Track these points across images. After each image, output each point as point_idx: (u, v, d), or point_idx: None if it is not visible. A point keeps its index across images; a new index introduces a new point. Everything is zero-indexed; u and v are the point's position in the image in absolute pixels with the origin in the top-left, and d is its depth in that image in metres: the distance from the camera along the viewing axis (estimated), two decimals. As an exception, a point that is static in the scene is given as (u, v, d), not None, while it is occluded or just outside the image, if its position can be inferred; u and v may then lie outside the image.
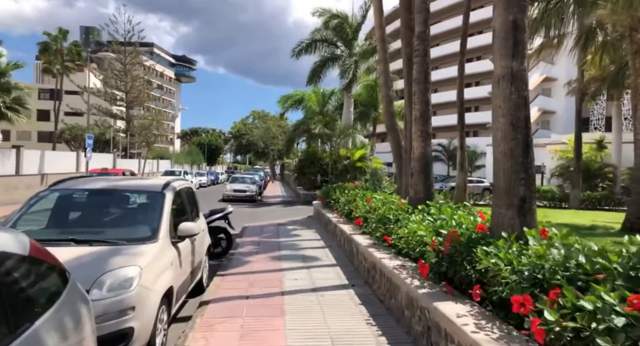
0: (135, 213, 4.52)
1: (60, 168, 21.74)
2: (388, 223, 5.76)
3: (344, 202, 9.42)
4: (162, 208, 4.38)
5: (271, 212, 18.65)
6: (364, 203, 8.19)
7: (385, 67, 9.90)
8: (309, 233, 10.85)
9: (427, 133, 6.16)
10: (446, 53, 55.11)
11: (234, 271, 6.73)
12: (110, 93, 37.21)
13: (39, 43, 41.50)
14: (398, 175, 9.70)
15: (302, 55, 23.71)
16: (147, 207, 4.52)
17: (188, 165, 51.30)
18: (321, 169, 23.92)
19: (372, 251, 5.61)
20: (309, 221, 13.52)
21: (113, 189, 4.60)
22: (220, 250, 8.52)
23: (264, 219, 15.25)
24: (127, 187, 4.76)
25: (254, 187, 24.63)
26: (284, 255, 8.06)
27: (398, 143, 9.63)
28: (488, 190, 37.43)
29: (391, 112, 9.72)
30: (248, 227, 12.26)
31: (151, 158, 39.37)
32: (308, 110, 26.71)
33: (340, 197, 10.16)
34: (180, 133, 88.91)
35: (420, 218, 5.37)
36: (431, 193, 6.23)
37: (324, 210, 11.62)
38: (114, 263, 3.46)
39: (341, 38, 23.64)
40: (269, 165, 67.17)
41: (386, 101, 9.70)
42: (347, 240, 7.78)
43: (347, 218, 9.01)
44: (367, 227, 7.02)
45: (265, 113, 62.16)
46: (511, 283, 2.67)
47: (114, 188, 4.62)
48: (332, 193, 11.58)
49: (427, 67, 6.10)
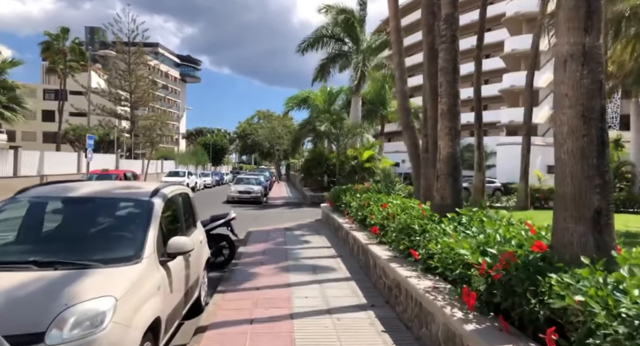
0: (116, 227, 3.79)
1: (60, 170, 21.19)
2: (413, 235, 5.00)
3: (356, 206, 8.67)
4: (149, 220, 3.66)
5: (277, 214, 17.94)
6: (379, 208, 7.43)
7: (400, 60, 9.14)
8: (318, 239, 10.10)
9: (455, 131, 5.39)
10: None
11: (237, 287, 6.00)
12: (115, 94, 36.68)
13: (41, 43, 41.22)
14: (415, 177, 8.93)
15: (307, 51, 23.01)
16: (131, 219, 3.80)
17: (193, 166, 50.77)
18: (328, 170, 23.20)
19: (395, 267, 4.85)
20: (317, 225, 12.78)
21: (90, 197, 3.87)
22: (223, 260, 7.81)
23: (269, 223, 14.53)
24: (107, 194, 4.04)
25: (259, 188, 23.94)
26: (292, 265, 7.32)
27: (414, 142, 8.87)
28: (499, 190, 36.52)
29: (407, 109, 8.95)
30: (253, 232, 11.54)
31: (155, 159, 38.82)
32: (314, 109, 25.99)
33: (352, 201, 9.41)
34: (185, 133, 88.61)
35: (452, 229, 4.61)
36: (460, 199, 5.46)
37: (334, 214, 10.87)
38: (82, 293, 2.74)
39: (348, 34, 22.89)
40: (274, 165, 66.54)
41: (401, 97, 8.94)
42: (362, 250, 7.02)
43: (361, 225, 8.26)
44: (385, 237, 6.26)
45: (270, 113, 61.58)
46: (617, 337, 1.90)
47: (91, 196, 3.88)
48: (341, 196, 10.83)
49: (456, 55, 5.34)
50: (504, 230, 3.77)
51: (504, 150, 41.49)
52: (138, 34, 36.15)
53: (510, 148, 41.01)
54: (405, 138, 9.06)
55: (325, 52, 23.22)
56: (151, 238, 3.52)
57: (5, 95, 15.99)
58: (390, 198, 8.39)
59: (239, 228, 13.69)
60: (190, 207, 5.24)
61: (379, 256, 5.67)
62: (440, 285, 4.03)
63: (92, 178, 18.22)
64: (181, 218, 4.58)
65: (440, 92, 5.43)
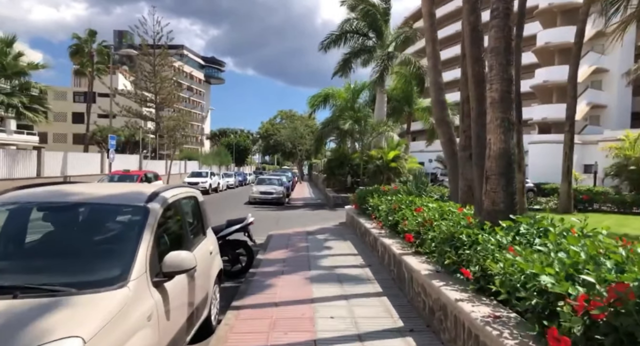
0: (99, 241, 3.11)
1: (84, 170, 21.20)
2: (461, 247, 4.17)
3: (385, 210, 7.85)
4: (141, 231, 2.99)
5: (299, 216, 17.27)
6: (413, 213, 6.60)
7: (434, 48, 8.26)
8: (343, 245, 9.32)
9: (509, 123, 4.52)
10: (482, 46, 52.24)
11: (253, 302, 5.31)
12: (140, 95, 36.99)
13: (70, 46, 42.04)
14: (451, 178, 8.05)
15: (331, 48, 22.27)
16: (119, 230, 3.13)
17: (216, 166, 50.84)
18: (352, 170, 22.38)
19: (440, 285, 4.03)
20: (341, 229, 12.00)
21: (71, 203, 3.21)
22: (240, 268, 7.16)
23: (291, 225, 13.86)
24: (93, 199, 3.38)
25: (282, 188, 23.36)
26: (315, 276, 6.58)
27: (450, 139, 7.99)
28: (532, 191, 34.70)
29: (441, 102, 8.07)
30: (273, 236, 10.88)
31: (178, 160, 38.91)
32: (337, 106, 25.20)
33: (380, 204, 8.60)
34: (209, 134, 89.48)
35: (510, 241, 3.77)
36: (514, 203, 4.59)
37: (360, 218, 10.07)
38: (40, 332, 2.07)
39: (372, 28, 22.01)
40: (296, 165, 66.12)
41: (436, 88, 8.07)
42: (394, 260, 6.21)
43: (391, 231, 7.44)
44: (422, 247, 5.44)
45: (292, 113, 61.17)
46: None
47: (73, 201, 3.23)
48: (368, 198, 10.02)
49: (510, 33, 4.47)
50: (589, 245, 2.91)
51: (536, 148, 39.58)
52: (163, 35, 36.28)
53: (544, 147, 39.18)
54: (439, 134, 8.18)
55: (349, 47, 22.42)
56: (142, 255, 2.84)
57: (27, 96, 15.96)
58: (424, 201, 7.55)
59: (258, 230, 13.09)
60: (198, 212, 4.58)
61: (416, 270, 4.86)
62: (502, 313, 3.20)
63: (113, 179, 18.04)
64: (185, 227, 3.91)
65: (489, 78, 4.58)
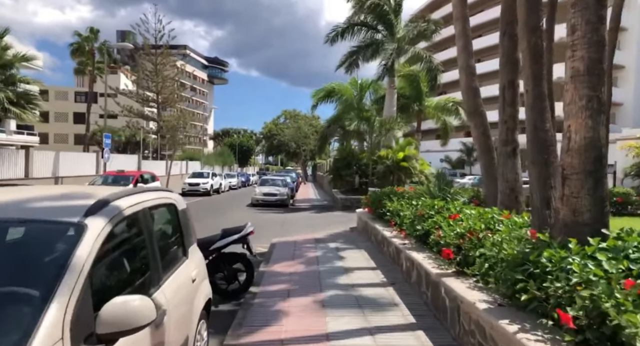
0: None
1: (78, 171, 20.12)
2: (539, 275, 2.97)
3: (410, 217, 6.65)
4: (62, 267, 1.82)
5: (305, 220, 16.09)
6: (448, 221, 5.41)
7: (464, 26, 7.06)
8: (357, 256, 8.13)
9: (598, 103, 3.33)
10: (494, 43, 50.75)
11: (253, 338, 4.13)
12: (142, 94, 36.06)
13: (71, 44, 41.05)
14: (487, 179, 6.85)
15: (337, 41, 21.06)
16: (26, 266, 1.95)
17: (219, 167, 49.80)
18: (360, 170, 21.16)
19: (519, 336, 2.83)
20: (353, 236, 10.81)
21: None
22: (238, 287, 5.98)
23: (297, 231, 12.69)
24: (11, 208, 2.23)
25: (286, 190, 22.19)
26: (329, 298, 5.40)
27: (485, 132, 6.79)
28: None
29: (474, 89, 6.85)
30: (278, 244, 9.71)
31: (179, 160, 37.85)
32: (342, 103, 23.99)
33: (402, 209, 7.40)
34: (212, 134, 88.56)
35: (622, 271, 2.58)
36: (606, 212, 3.39)
37: (376, 224, 8.87)
38: None
39: (382, 20, 20.79)
40: (300, 166, 64.98)
41: (467, 73, 6.86)
42: (428, 281, 5.01)
43: (419, 242, 6.24)
44: (469, 267, 4.25)
45: (296, 113, 60.00)
46: None
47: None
48: (385, 201, 8.82)
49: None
50: None
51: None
52: (165, 34, 35.26)
53: (558, 146, 37.88)
54: (472, 127, 6.98)
55: (356, 41, 21.21)
56: (57, 310, 1.67)
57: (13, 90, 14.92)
58: (455, 206, 6.35)
59: (261, 236, 11.92)
60: (177, 226, 3.40)
61: (467, 300, 3.66)
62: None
63: (106, 180, 16.96)
64: (152, 251, 2.72)
65: (571, 42, 3.37)
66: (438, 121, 23.99)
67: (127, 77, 58.95)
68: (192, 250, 3.60)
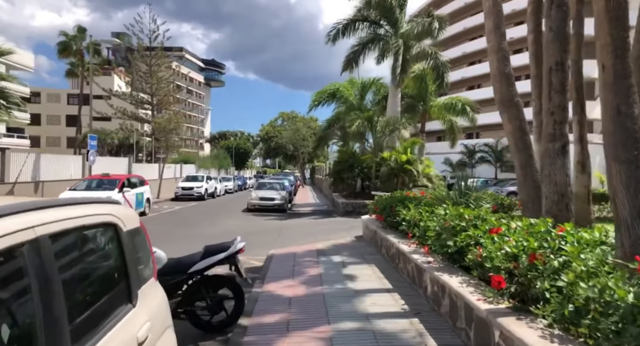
0: None
1: (62, 174, 18.88)
2: None
3: (435, 229, 5.48)
4: None
5: (305, 226, 14.90)
6: (491, 237, 4.24)
7: (495, 3, 5.94)
8: (367, 272, 6.95)
9: None
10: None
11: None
12: (136, 96, 34.94)
13: (58, 43, 39.81)
14: (523, 181, 5.70)
15: (338, 39, 19.97)
16: None
17: (215, 170, 48.54)
18: (362, 173, 20.00)
19: None
20: (360, 247, 9.62)
21: None
22: (224, 319, 4.79)
23: (296, 239, 11.51)
24: None
25: (284, 194, 21.01)
26: (339, 336, 4.21)
27: (521, 126, 5.64)
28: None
29: (507, 75, 5.68)
30: (275, 257, 8.52)
31: (173, 163, 36.60)
32: (343, 103, 22.85)
33: (424, 219, 6.23)
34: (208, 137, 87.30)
35: None
36: None
37: (388, 235, 7.70)
38: None
39: (384, 15, 19.71)
40: (298, 168, 63.79)
41: (499, 57, 5.71)
42: (472, 318, 3.82)
43: (449, 261, 5.07)
44: (542, 308, 3.07)
45: (294, 115, 58.89)
46: None
47: None
48: (399, 209, 7.65)
49: None
50: None
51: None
52: (159, 34, 34.09)
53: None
54: (504, 121, 5.82)
55: (359, 38, 20.11)
56: None
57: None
58: (487, 215, 5.20)
59: (257, 247, 10.71)
60: (118, 257, 2.22)
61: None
62: None
63: (90, 184, 15.74)
64: (52, 305, 1.53)
65: None
66: (445, 122, 22.86)
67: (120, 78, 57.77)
68: (144, 291, 2.41)
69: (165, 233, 13.02)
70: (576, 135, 8.68)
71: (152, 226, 14.69)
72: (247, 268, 8.25)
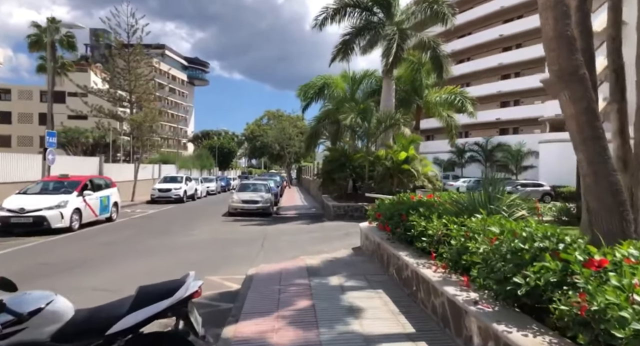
0: None
1: (20, 175, 16.76)
2: None
3: (478, 252, 3.85)
4: None
5: (292, 233, 13.18)
6: (595, 276, 2.62)
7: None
8: (376, 304, 5.28)
9: None
10: (483, 41, 48.86)
11: None
12: (113, 93, 32.77)
13: (28, 35, 37.08)
14: (593, 182, 4.12)
15: (326, 25, 18.31)
16: None
17: (197, 170, 46.37)
18: (354, 173, 18.38)
19: None
20: (359, 262, 7.95)
21: None
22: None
23: (282, 251, 9.83)
24: None
25: (269, 196, 19.24)
26: None
27: (589, 107, 4.04)
28: (549, 195, 31.19)
29: (568, 38, 3.99)
30: (256, 278, 6.82)
31: (150, 163, 34.42)
32: (335, 98, 21.17)
33: (453, 233, 4.61)
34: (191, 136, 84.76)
35: None
36: None
37: (398, 251, 6.06)
38: None
39: (378, 2, 18.13)
40: (285, 168, 61.93)
41: (556, 14, 4.04)
42: None
43: (505, 300, 3.44)
44: None
45: (280, 113, 56.99)
46: None
47: None
48: (413, 219, 6.00)
49: None
50: None
51: (549, 148, 36.13)
52: (138, 28, 31.93)
53: (558, 146, 35.72)
54: (564, 102, 4.13)
55: (350, 27, 18.47)
56: None
57: None
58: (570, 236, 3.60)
59: (236, 260, 9.01)
60: None
61: None
62: None
63: (46, 187, 13.74)
64: None
65: None
66: (442, 118, 21.35)
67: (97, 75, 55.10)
68: None
69: (129, 243, 11.18)
70: (618, 128, 7.15)
71: (115, 234, 12.62)
72: (220, 293, 6.56)
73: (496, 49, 49.69)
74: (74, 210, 12.72)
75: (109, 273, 7.72)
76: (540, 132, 42.91)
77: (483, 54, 50.48)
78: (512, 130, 48.79)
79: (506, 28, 47.79)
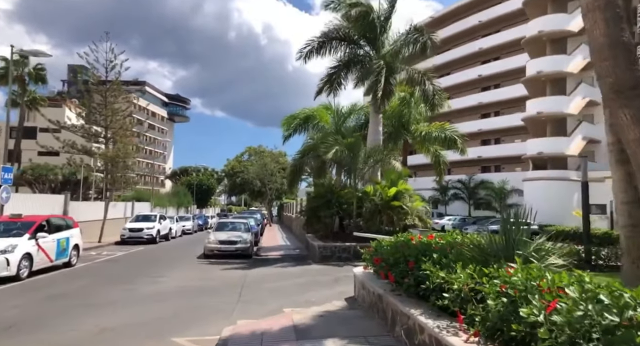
0: None
1: (-32, 215, 14.93)
2: None
3: (538, 321, 2.76)
4: None
5: (275, 280, 11.73)
6: None
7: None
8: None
9: None
10: (462, 81, 50.02)
11: None
12: (87, 129, 31.29)
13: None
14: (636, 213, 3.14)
15: (311, 58, 17.84)
16: None
17: (174, 208, 44.33)
18: (341, 210, 17.26)
19: None
20: (356, 318, 6.68)
21: None
22: None
23: (263, 302, 8.47)
24: None
25: (248, 236, 17.80)
26: None
27: None
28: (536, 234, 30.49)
29: (625, 45, 3.26)
30: (231, 341, 5.48)
31: (121, 201, 32.53)
32: (319, 130, 20.43)
33: (487, 291, 3.53)
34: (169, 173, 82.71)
35: None
36: None
37: (409, 308, 4.89)
38: None
39: (363, 35, 17.85)
40: (265, 206, 60.27)
41: (607, 17, 3.29)
42: None
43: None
44: None
45: (261, 149, 56.12)
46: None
47: None
48: (427, 268, 4.88)
49: None
50: None
51: (532, 186, 36.04)
52: (117, 64, 31.04)
53: (542, 184, 35.67)
54: (623, 121, 3.28)
55: (335, 60, 18.05)
56: None
57: None
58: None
59: (207, 316, 7.61)
60: None
61: None
62: None
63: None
64: None
65: None
66: (430, 154, 20.72)
67: (71, 110, 53.63)
68: None
69: (83, 294, 9.57)
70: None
71: (70, 284, 10.74)
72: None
73: (475, 88, 50.86)
74: (24, 255, 11.08)
75: (49, 337, 6.22)
76: (522, 170, 43.09)
77: (463, 93, 51.51)
78: (493, 168, 48.99)
79: (484, 68, 49.17)
